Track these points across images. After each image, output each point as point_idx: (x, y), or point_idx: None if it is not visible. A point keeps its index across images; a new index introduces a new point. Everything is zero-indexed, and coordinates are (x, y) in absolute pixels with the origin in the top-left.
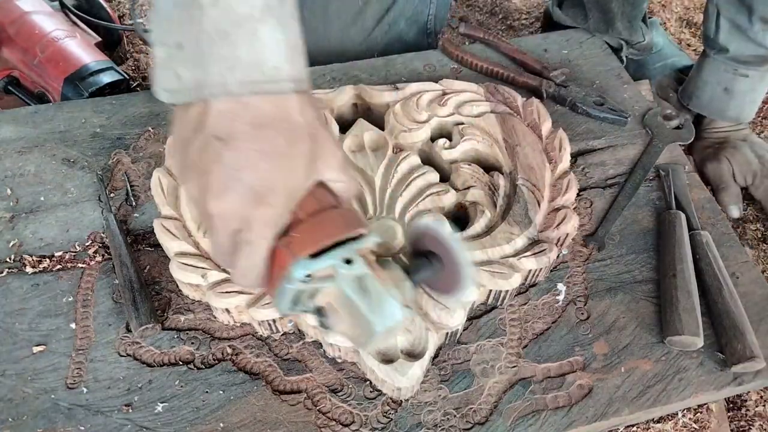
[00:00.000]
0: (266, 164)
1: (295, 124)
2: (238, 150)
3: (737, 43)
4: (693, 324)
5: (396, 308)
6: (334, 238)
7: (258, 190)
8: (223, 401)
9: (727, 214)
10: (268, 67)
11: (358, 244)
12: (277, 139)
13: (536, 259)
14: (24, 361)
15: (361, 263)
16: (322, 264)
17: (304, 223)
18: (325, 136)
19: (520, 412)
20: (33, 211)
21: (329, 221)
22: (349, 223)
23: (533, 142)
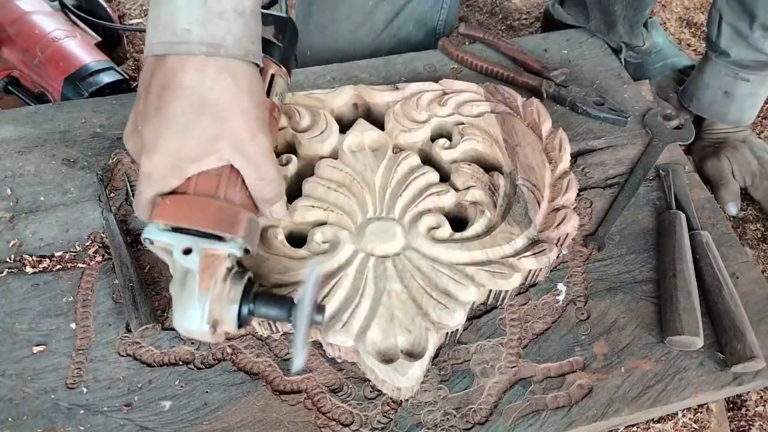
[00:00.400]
0: (158, 122)
1: (200, 95)
2: (146, 101)
3: (738, 49)
4: (693, 324)
5: (196, 317)
6: (190, 224)
7: (146, 143)
8: (223, 401)
9: (725, 211)
10: (180, 29)
11: (211, 243)
12: (175, 103)
13: (536, 259)
14: (24, 361)
15: (195, 260)
16: (162, 238)
17: (183, 196)
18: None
19: (520, 412)
20: (33, 211)
21: (202, 208)
22: (220, 221)
23: (533, 142)
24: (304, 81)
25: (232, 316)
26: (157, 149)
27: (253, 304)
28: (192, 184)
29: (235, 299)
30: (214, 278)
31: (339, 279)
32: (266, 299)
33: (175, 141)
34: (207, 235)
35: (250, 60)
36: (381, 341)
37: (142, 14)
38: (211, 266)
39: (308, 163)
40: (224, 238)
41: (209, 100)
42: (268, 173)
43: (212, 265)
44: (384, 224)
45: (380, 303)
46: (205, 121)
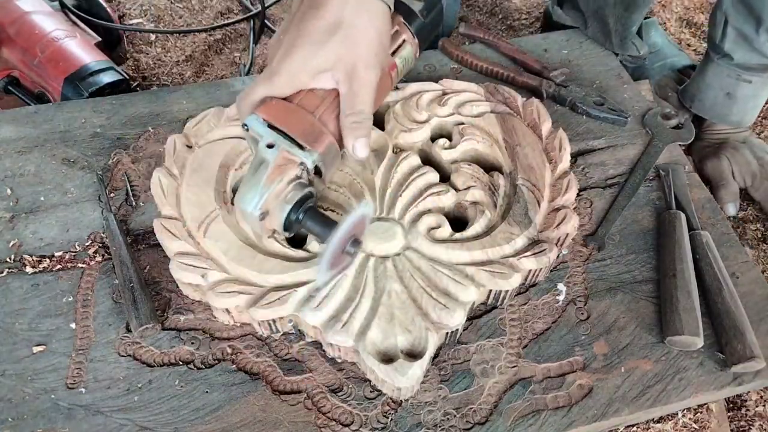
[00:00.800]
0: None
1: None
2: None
3: (742, 52)
4: (693, 324)
5: (253, 200)
6: (282, 126)
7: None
8: (223, 401)
9: (724, 211)
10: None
11: (291, 147)
12: (316, 22)
13: (536, 259)
14: (24, 361)
15: (273, 154)
16: (256, 128)
17: (287, 104)
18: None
19: (520, 412)
20: (33, 211)
21: (294, 117)
22: (307, 133)
23: (533, 142)
24: None
25: (282, 215)
26: (287, 57)
27: (303, 215)
28: (299, 97)
29: (290, 201)
30: (281, 176)
31: (339, 279)
32: (316, 215)
33: (304, 53)
34: (293, 141)
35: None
36: (381, 341)
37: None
38: (284, 166)
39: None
40: (304, 148)
41: (344, 25)
42: (363, 104)
43: (285, 166)
44: (384, 224)
45: (380, 303)
46: (335, 41)
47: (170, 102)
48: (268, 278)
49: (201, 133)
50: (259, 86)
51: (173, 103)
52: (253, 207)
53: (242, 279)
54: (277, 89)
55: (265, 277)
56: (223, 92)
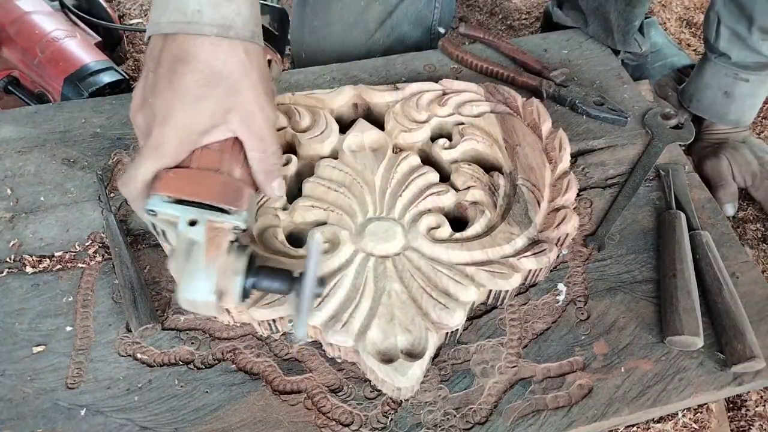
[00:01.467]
0: (170, 94)
1: (213, 70)
2: (157, 75)
3: (737, 51)
4: (693, 324)
5: (202, 287)
6: (196, 197)
7: (158, 115)
8: (223, 401)
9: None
10: (191, 10)
11: (216, 216)
12: (188, 76)
13: (536, 259)
14: (24, 361)
15: (201, 232)
16: (168, 210)
17: (187, 170)
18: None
19: (520, 412)
20: (33, 211)
21: (205, 181)
22: (224, 195)
23: (533, 142)
24: (304, 81)
25: (237, 287)
26: (169, 121)
27: (255, 278)
28: (195, 158)
29: (238, 271)
30: (219, 250)
31: (339, 279)
32: (268, 272)
33: (187, 113)
34: (211, 208)
35: (256, 42)
36: (381, 341)
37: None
38: (216, 238)
39: (308, 163)
40: (228, 211)
41: (222, 74)
42: (273, 145)
43: (217, 238)
44: (384, 224)
45: (380, 303)
46: (218, 93)
47: None
48: None
49: None
50: (146, 162)
51: None
52: (207, 294)
53: None
54: (169, 159)
55: None
56: None
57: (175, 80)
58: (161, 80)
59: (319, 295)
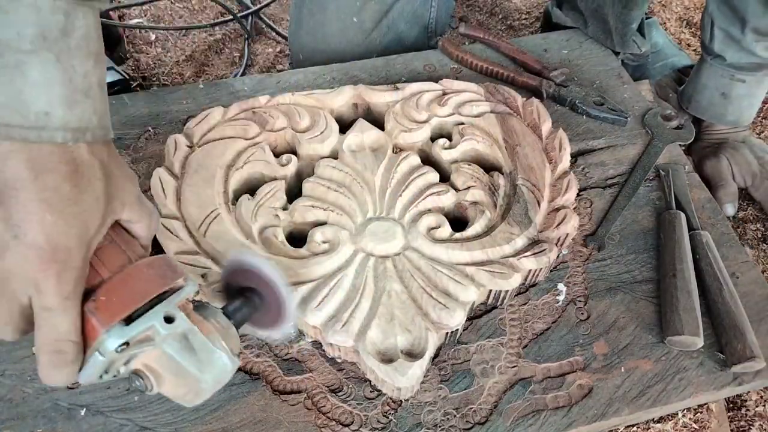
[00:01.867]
0: (51, 216)
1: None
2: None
3: (732, 52)
4: (693, 324)
5: (226, 360)
6: (148, 296)
7: (44, 247)
8: (223, 401)
9: (723, 212)
10: (34, 112)
11: (176, 297)
12: (63, 185)
13: (536, 259)
14: (24, 361)
15: (182, 319)
16: (139, 328)
17: (110, 282)
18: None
19: (520, 412)
20: None
21: (139, 277)
22: (164, 275)
23: (533, 142)
24: (304, 81)
25: (237, 339)
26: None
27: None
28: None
29: (227, 323)
30: (203, 322)
31: (339, 279)
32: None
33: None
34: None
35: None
36: (381, 341)
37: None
38: (191, 316)
39: (308, 163)
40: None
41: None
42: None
43: (191, 315)
44: (384, 224)
45: (380, 303)
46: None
47: (170, 102)
48: None
49: (201, 132)
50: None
51: (173, 103)
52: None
53: None
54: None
55: None
56: (223, 92)
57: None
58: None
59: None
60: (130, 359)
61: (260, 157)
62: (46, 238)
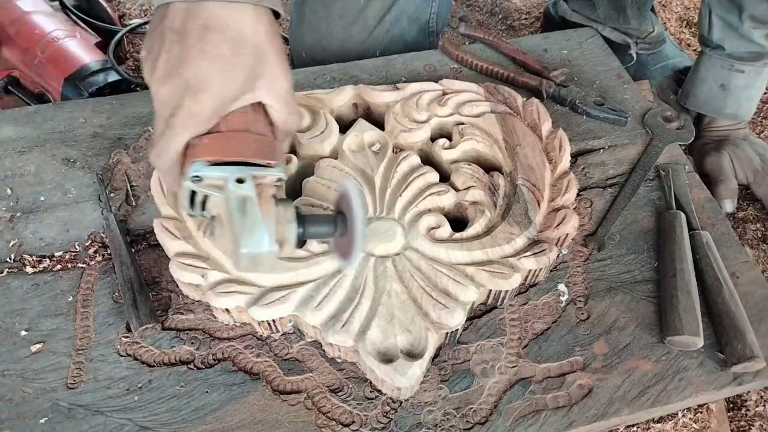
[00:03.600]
0: (205, 63)
1: (243, 36)
2: (184, 45)
3: (731, 41)
4: (693, 324)
5: (264, 238)
6: (237, 156)
7: (192, 84)
8: (223, 401)
9: (721, 208)
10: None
11: (259, 170)
12: (222, 44)
13: (536, 259)
14: (24, 361)
15: (250, 187)
16: (214, 173)
17: (219, 133)
18: (275, 60)
19: (520, 412)
20: (33, 211)
21: (242, 141)
22: (261, 151)
23: (533, 142)
24: (304, 81)
25: (293, 234)
26: (204, 89)
27: (303, 226)
28: (222, 123)
29: (291, 219)
30: (269, 202)
31: (339, 279)
32: (314, 219)
33: (221, 81)
34: (252, 165)
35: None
36: (381, 341)
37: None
38: (263, 193)
39: (308, 163)
40: (268, 166)
41: (250, 42)
42: (295, 107)
43: (264, 192)
44: (384, 224)
45: (380, 303)
46: (249, 61)
47: None
48: (268, 278)
49: None
50: (180, 131)
51: None
52: (269, 244)
53: (242, 279)
54: (203, 126)
55: (265, 277)
56: None
57: (207, 49)
58: (191, 50)
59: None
60: (206, 199)
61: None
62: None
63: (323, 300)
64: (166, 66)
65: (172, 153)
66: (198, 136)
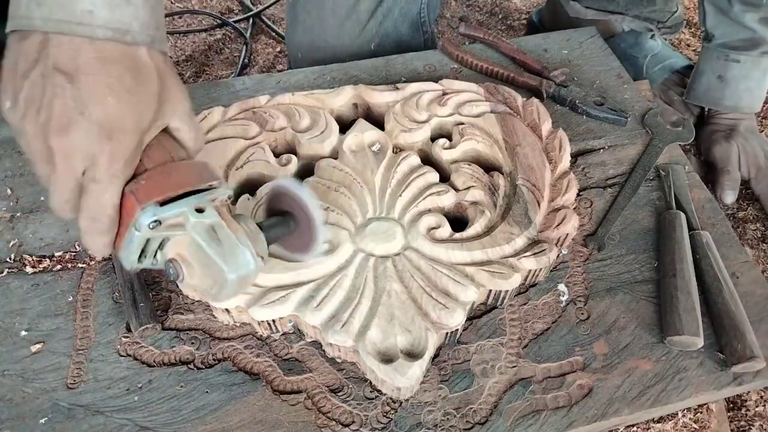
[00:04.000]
0: (113, 99)
1: (143, 64)
2: (83, 84)
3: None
4: (693, 324)
5: (248, 256)
6: (183, 187)
7: (105, 125)
8: (223, 401)
9: (721, 199)
10: (79, 9)
11: (210, 194)
12: (125, 76)
13: (536, 259)
14: (24, 361)
15: (212, 212)
16: (172, 211)
17: (152, 171)
18: (174, 81)
19: (520, 412)
20: (33, 211)
21: (178, 171)
22: (200, 174)
23: (533, 142)
24: (304, 81)
25: (265, 245)
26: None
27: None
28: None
29: (257, 230)
30: (232, 222)
31: (339, 279)
32: (269, 225)
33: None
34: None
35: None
36: (381, 341)
37: None
38: (224, 213)
39: (308, 163)
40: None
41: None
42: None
43: (223, 213)
44: (384, 224)
45: (380, 303)
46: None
47: None
48: (268, 278)
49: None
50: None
51: None
52: (254, 261)
53: None
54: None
55: (265, 276)
56: (223, 92)
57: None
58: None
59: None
60: (163, 243)
61: (260, 157)
62: (107, 117)
63: (323, 300)
64: (63, 112)
65: (109, 209)
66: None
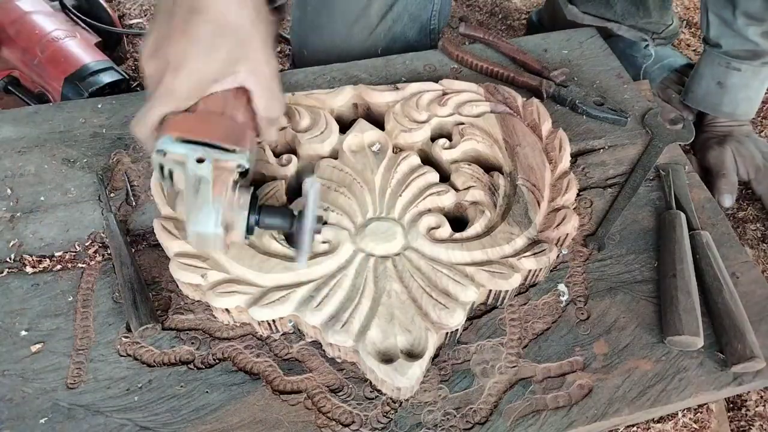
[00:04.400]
0: (185, 43)
1: (225, 19)
2: (170, 25)
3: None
4: (693, 324)
5: (210, 220)
6: (202, 137)
7: (171, 62)
8: (223, 401)
9: (720, 202)
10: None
11: (221, 154)
12: (203, 26)
13: (536, 259)
14: (24, 361)
15: (208, 168)
16: (177, 149)
17: (192, 113)
18: (258, 46)
19: (520, 412)
20: (33, 211)
21: (211, 122)
22: (228, 135)
23: (533, 142)
24: (304, 81)
25: (242, 222)
26: (183, 68)
27: (258, 215)
28: (201, 103)
29: (244, 206)
30: (224, 186)
31: (339, 279)
32: (270, 210)
33: (200, 61)
34: (216, 148)
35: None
36: (381, 341)
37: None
38: (222, 176)
39: (308, 163)
40: (232, 151)
41: (233, 26)
42: (278, 94)
43: (223, 175)
44: (384, 224)
45: (380, 303)
46: (229, 44)
47: None
48: (268, 278)
49: None
50: (157, 105)
51: None
52: (214, 226)
53: (242, 279)
54: (178, 104)
55: (265, 276)
56: None
57: (189, 30)
58: (175, 30)
59: (318, 231)
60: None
61: (260, 157)
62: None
63: (323, 300)
64: (154, 44)
65: (149, 124)
66: (174, 112)
